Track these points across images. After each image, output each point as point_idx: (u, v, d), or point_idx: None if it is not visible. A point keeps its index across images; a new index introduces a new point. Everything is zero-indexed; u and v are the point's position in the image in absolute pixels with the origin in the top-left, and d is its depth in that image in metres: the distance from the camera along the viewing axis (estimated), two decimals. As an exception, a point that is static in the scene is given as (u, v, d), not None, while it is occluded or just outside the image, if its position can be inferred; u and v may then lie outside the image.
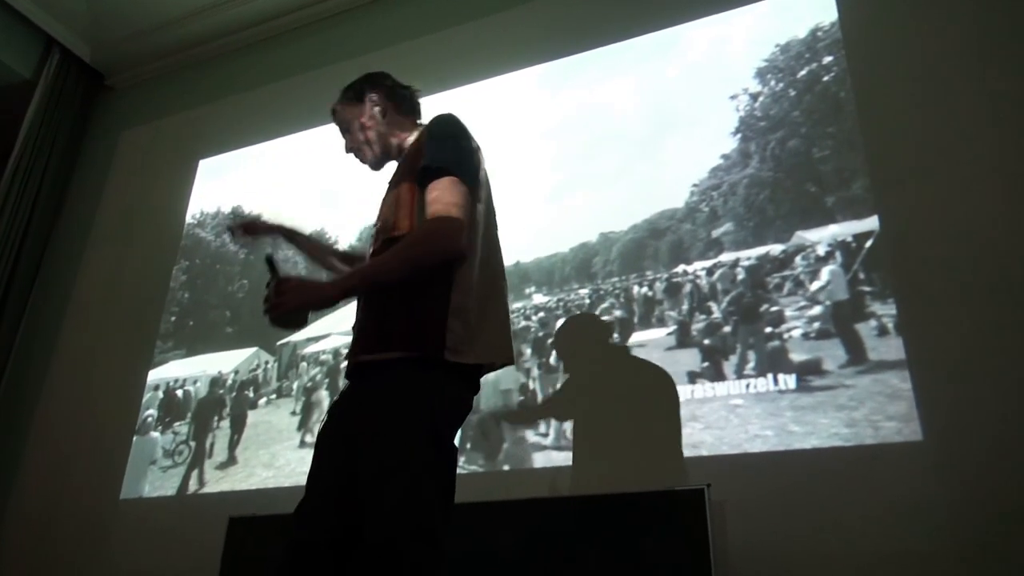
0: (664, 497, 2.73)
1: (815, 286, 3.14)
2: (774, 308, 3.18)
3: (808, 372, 3.01)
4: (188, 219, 5.04)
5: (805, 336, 3.09)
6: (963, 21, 3.24)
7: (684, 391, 3.17)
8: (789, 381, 3.02)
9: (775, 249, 3.27)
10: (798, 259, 3.21)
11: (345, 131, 2.34)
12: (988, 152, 3.01)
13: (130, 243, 5.13)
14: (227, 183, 5.01)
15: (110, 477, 4.30)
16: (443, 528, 1.79)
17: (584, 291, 3.63)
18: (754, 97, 3.52)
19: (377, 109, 2.28)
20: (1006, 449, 2.60)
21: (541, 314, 3.67)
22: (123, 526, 4.14)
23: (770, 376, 3.06)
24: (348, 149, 2.33)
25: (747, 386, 3.09)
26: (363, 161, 2.31)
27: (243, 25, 5.46)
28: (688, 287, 3.41)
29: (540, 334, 3.60)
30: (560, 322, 3.59)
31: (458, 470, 1.94)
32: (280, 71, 5.21)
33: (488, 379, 3.20)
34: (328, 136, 4.65)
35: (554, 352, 3.50)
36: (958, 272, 2.90)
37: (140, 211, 5.26)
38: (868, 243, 3.09)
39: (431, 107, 4.22)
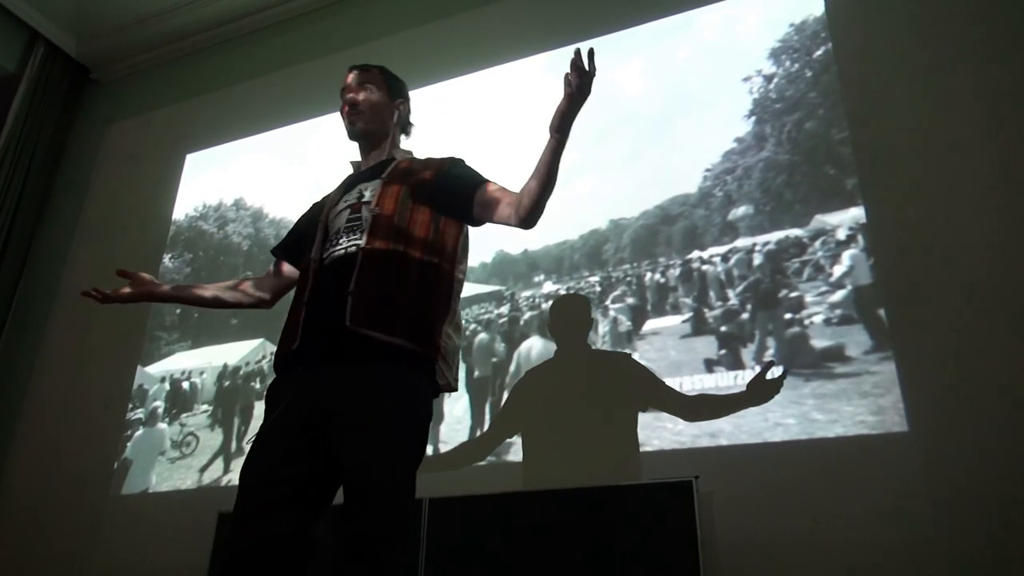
0: (652, 489, 2.61)
1: (837, 271, 2.98)
2: (793, 294, 3.03)
3: (830, 359, 2.87)
4: (191, 212, 4.87)
5: (827, 322, 2.93)
6: (954, 14, 3.13)
7: (702, 379, 3.02)
8: (742, 378, 2.93)
9: (793, 233, 3.11)
10: (818, 243, 3.05)
11: (362, 87, 2.32)
12: (977, 144, 2.91)
13: (117, 237, 4.98)
14: (224, 175, 4.82)
15: (100, 472, 4.16)
16: None
17: (594, 278, 3.46)
18: (768, 79, 3.35)
19: (397, 114, 2.36)
20: (993, 439, 2.53)
21: (551, 302, 3.49)
22: (113, 521, 4.01)
23: (724, 372, 2.98)
24: (351, 101, 2.30)
25: (736, 377, 2.96)
26: (351, 123, 2.29)
27: (230, 18, 5.27)
28: (703, 273, 3.25)
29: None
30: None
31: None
32: (268, 64, 5.03)
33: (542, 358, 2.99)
34: (317, 129, 4.50)
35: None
36: (945, 263, 2.82)
37: (127, 205, 5.09)
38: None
39: (437, 95, 4.13)
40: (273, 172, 4.62)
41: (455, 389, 2.07)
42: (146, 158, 5.19)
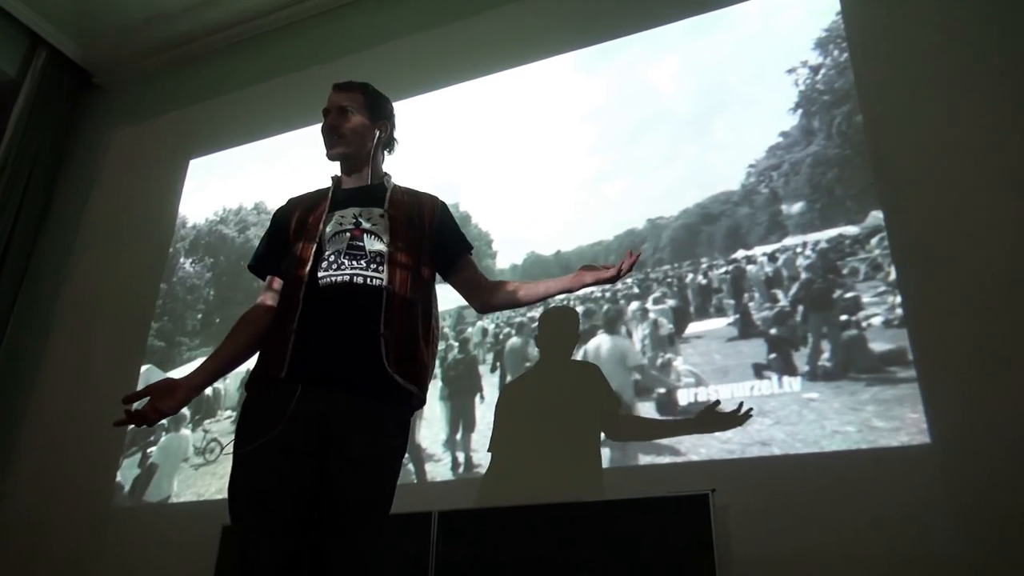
0: (667, 502, 2.47)
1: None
2: (849, 294, 2.75)
3: (891, 363, 2.60)
4: (210, 216, 4.59)
5: (886, 324, 2.66)
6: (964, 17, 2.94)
7: (748, 386, 2.76)
8: (794, 384, 2.68)
9: (848, 231, 2.84)
10: (873, 241, 2.78)
11: (343, 111, 2.21)
12: (996, 149, 2.70)
13: (120, 242, 4.71)
14: (235, 179, 4.53)
15: (103, 480, 3.93)
16: None
17: (631, 279, 3.16)
18: (815, 70, 3.08)
19: (379, 134, 2.26)
20: (1015, 452, 2.34)
21: (588, 304, 3.20)
22: (115, 533, 3.77)
23: (774, 378, 2.72)
24: (332, 126, 2.20)
25: (751, 388, 2.73)
26: (331, 146, 2.21)
27: (233, 22, 4.98)
28: (749, 274, 2.97)
29: (585, 326, 3.13)
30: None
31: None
32: (274, 68, 4.74)
33: (616, 357, 2.97)
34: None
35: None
36: (965, 270, 2.61)
37: (130, 210, 4.81)
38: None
39: (465, 94, 3.82)
40: (290, 175, 4.31)
41: None
42: (149, 163, 4.92)
